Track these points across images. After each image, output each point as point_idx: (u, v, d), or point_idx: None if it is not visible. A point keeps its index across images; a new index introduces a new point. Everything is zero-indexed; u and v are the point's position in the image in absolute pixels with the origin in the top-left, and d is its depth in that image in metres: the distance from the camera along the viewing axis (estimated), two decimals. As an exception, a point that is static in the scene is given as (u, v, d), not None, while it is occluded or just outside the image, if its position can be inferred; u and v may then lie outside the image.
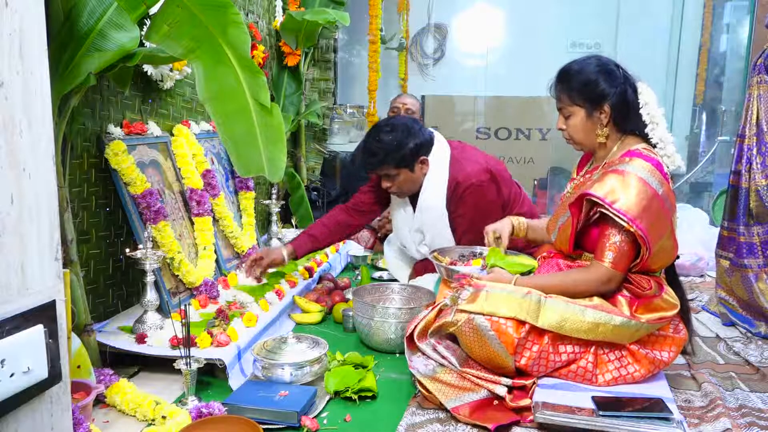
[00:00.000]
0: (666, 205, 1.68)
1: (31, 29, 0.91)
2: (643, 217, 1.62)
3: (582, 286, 1.71)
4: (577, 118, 1.81)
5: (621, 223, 1.63)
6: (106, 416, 1.58)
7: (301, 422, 1.54)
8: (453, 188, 2.40)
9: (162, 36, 1.55)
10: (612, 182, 1.67)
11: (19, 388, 0.89)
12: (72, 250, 1.65)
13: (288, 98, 3.69)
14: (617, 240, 1.67)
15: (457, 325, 1.67)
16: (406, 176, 2.40)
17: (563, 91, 1.82)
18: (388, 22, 4.78)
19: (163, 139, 2.33)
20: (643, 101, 1.76)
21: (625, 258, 1.68)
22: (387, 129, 2.38)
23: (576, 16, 4.84)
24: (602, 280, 1.69)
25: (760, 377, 1.95)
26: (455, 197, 2.40)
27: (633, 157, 1.71)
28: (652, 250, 1.64)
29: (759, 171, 2.32)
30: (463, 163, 2.43)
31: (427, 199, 2.44)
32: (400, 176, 2.39)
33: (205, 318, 2.05)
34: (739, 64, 4.46)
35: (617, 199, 1.64)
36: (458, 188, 2.38)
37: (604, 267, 1.68)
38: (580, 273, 1.75)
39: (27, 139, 0.91)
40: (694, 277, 3.22)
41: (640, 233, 1.61)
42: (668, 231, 1.70)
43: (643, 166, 1.67)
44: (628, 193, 1.63)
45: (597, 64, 1.80)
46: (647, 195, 1.64)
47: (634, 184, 1.64)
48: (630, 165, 1.69)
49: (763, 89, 2.34)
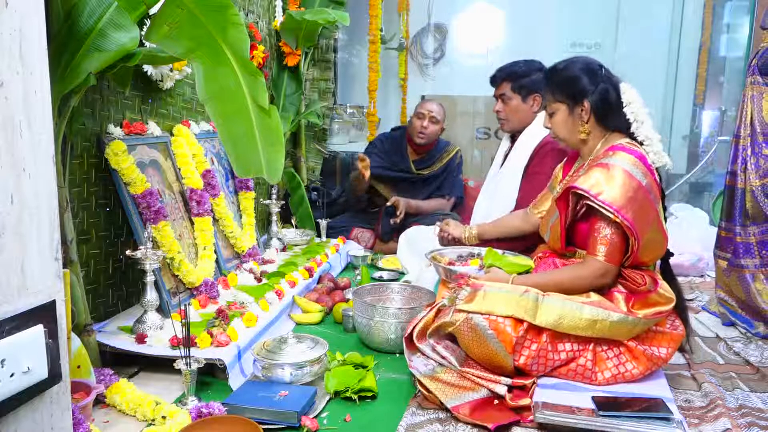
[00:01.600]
0: (650, 196, 1.70)
1: (31, 29, 0.91)
2: (629, 207, 1.65)
3: (578, 281, 1.73)
4: (559, 115, 1.90)
5: (608, 215, 1.66)
6: (106, 416, 1.58)
7: (301, 422, 1.54)
8: (541, 146, 2.55)
9: (162, 36, 1.55)
10: (597, 175, 1.71)
11: (19, 388, 0.89)
12: (72, 250, 1.65)
13: (288, 98, 3.69)
14: (607, 233, 1.69)
15: (456, 324, 1.67)
16: (518, 104, 2.61)
17: (548, 88, 1.91)
18: (388, 22, 4.78)
19: (163, 139, 2.33)
20: (627, 100, 1.81)
21: (618, 250, 1.70)
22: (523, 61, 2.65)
23: (576, 16, 4.83)
24: (597, 274, 1.71)
25: (760, 377, 1.95)
26: (539, 155, 2.54)
27: (616, 150, 1.75)
28: (641, 241, 1.66)
29: (753, 171, 2.33)
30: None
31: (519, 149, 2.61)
32: (513, 101, 2.61)
33: (205, 318, 2.05)
34: (739, 64, 4.46)
35: (602, 191, 1.67)
36: (545, 146, 2.53)
37: (599, 261, 1.70)
38: (575, 268, 1.77)
39: (27, 139, 0.91)
40: (694, 277, 3.22)
41: (627, 224, 1.64)
42: (655, 222, 1.72)
43: (626, 159, 1.71)
44: (613, 185, 1.67)
45: (580, 63, 1.87)
46: (632, 186, 1.67)
47: (619, 176, 1.68)
48: (614, 158, 1.72)
49: (756, 90, 2.36)
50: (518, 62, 2.67)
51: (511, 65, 2.67)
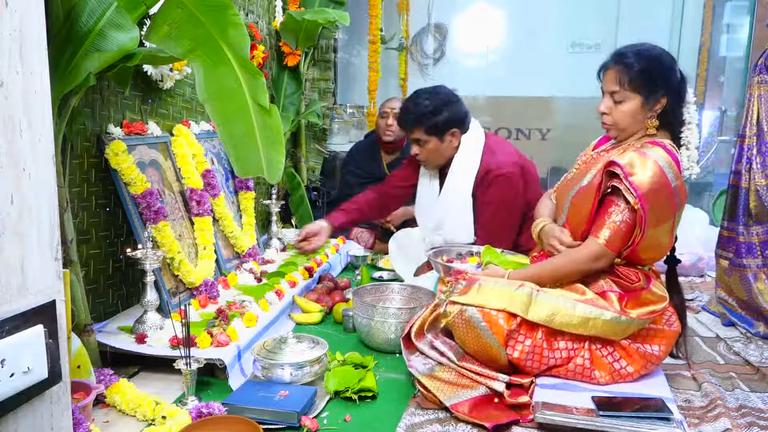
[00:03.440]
0: (675, 199, 1.69)
1: (31, 29, 0.91)
2: (649, 198, 1.63)
3: (573, 264, 1.74)
4: (630, 105, 1.76)
5: (629, 198, 1.64)
6: (106, 416, 1.58)
7: (301, 422, 1.54)
8: (483, 175, 2.47)
9: (162, 36, 1.55)
10: (632, 156, 1.68)
11: (19, 388, 0.89)
12: (72, 250, 1.65)
13: (288, 98, 3.69)
14: (618, 219, 1.68)
15: (450, 317, 1.68)
16: (435, 145, 2.49)
17: (624, 75, 1.75)
18: (388, 22, 4.78)
19: (163, 139, 2.33)
20: (688, 101, 1.78)
21: (620, 239, 1.69)
22: (426, 95, 2.48)
23: (576, 16, 4.84)
24: (593, 257, 1.71)
25: (760, 377, 1.95)
26: (484, 183, 2.47)
27: (656, 146, 1.72)
28: (645, 234, 1.65)
29: (759, 171, 2.33)
30: (496, 153, 2.51)
31: (455, 180, 2.51)
32: (430, 144, 2.48)
33: (205, 318, 2.04)
34: (739, 64, 4.46)
35: (634, 173, 1.65)
36: (488, 175, 2.45)
37: (598, 243, 1.70)
38: (570, 252, 1.77)
39: (27, 139, 0.91)
40: (694, 277, 3.22)
41: (641, 212, 1.63)
42: (668, 224, 1.70)
43: (663, 156, 1.69)
44: (645, 172, 1.65)
45: (658, 54, 1.77)
46: (660, 182, 1.65)
47: (651, 167, 1.65)
48: (651, 150, 1.70)
49: (763, 89, 2.35)
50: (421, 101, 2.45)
51: (416, 107, 2.46)
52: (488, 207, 2.44)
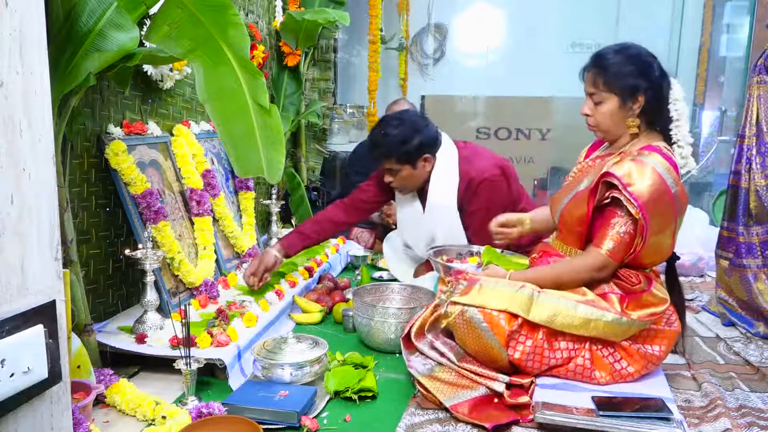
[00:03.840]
0: (676, 205, 1.67)
1: (31, 29, 0.91)
2: (651, 207, 1.62)
3: (575, 273, 1.72)
4: (608, 106, 1.76)
5: (630, 209, 1.63)
6: (106, 416, 1.58)
7: (301, 422, 1.54)
8: (466, 185, 2.43)
9: (162, 36, 1.55)
10: (629, 166, 1.66)
11: (19, 388, 0.89)
12: (72, 250, 1.65)
13: (288, 98, 3.69)
14: (621, 231, 1.67)
15: (451, 317, 1.68)
16: (409, 172, 2.43)
17: (599, 77, 1.75)
18: (388, 22, 4.78)
19: (163, 139, 2.33)
20: (674, 97, 1.76)
21: (623, 250, 1.68)
22: (394, 123, 2.40)
23: (576, 16, 4.84)
24: (596, 267, 1.70)
25: (760, 377, 1.95)
26: (469, 193, 2.43)
27: (652, 151, 1.70)
28: (647, 242, 1.64)
29: (759, 171, 2.33)
30: (473, 161, 2.47)
31: (437, 198, 2.46)
32: (403, 172, 2.42)
33: (205, 318, 2.05)
34: (739, 64, 4.46)
35: (633, 183, 1.63)
36: (472, 183, 2.41)
37: (602, 254, 1.69)
38: (572, 261, 1.77)
39: (27, 139, 0.91)
40: (694, 277, 3.22)
41: (643, 222, 1.62)
42: (670, 230, 1.70)
43: (660, 162, 1.67)
44: (643, 181, 1.63)
45: (635, 53, 1.76)
46: (660, 189, 1.63)
47: (650, 175, 1.64)
48: (648, 158, 1.68)
49: (763, 89, 2.35)
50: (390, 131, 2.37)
51: (384, 137, 2.38)
52: (478, 213, 2.41)
